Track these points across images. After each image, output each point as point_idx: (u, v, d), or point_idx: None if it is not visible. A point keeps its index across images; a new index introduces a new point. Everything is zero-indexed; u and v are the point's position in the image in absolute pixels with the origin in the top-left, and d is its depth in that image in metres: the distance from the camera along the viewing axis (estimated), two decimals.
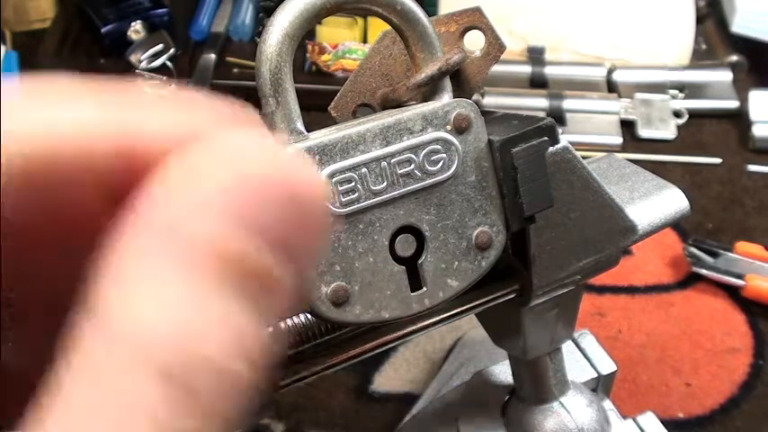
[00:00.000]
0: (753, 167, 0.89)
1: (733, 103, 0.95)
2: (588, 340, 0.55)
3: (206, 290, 0.15)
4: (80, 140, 0.17)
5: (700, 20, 1.02)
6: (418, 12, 0.32)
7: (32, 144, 0.17)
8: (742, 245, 0.78)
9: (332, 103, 0.35)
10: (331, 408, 0.66)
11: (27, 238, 0.18)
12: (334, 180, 0.30)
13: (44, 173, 0.17)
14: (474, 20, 0.34)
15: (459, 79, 0.34)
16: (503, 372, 0.50)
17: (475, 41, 0.35)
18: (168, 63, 0.94)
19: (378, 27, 0.96)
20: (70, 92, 0.18)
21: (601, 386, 0.53)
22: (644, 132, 0.92)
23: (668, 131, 0.92)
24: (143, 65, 0.93)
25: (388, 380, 0.68)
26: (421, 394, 0.65)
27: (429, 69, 0.32)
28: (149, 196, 0.16)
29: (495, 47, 0.35)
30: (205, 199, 0.16)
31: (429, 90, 0.32)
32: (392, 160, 0.31)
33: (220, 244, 0.16)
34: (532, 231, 0.34)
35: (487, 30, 0.34)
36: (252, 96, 0.31)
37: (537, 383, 0.45)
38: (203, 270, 0.15)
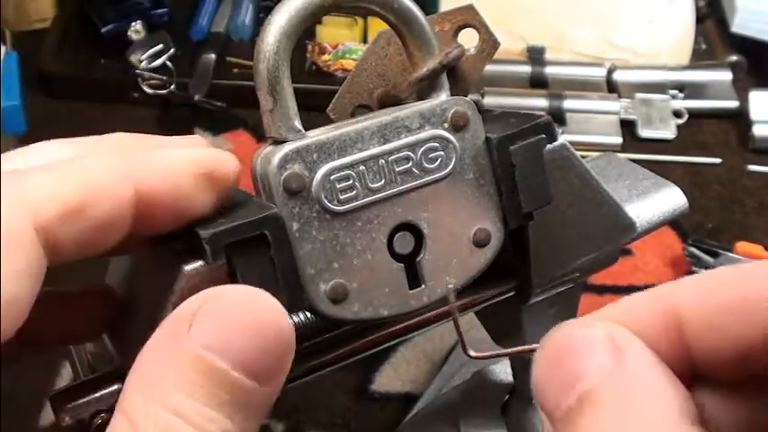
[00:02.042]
0: (753, 167, 0.89)
1: (733, 103, 0.95)
2: None
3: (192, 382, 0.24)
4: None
5: (700, 20, 1.02)
6: (415, 10, 0.32)
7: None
8: (742, 245, 0.78)
9: (330, 106, 0.36)
10: (331, 408, 0.66)
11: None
12: (331, 178, 0.30)
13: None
14: (467, 17, 0.34)
15: (455, 77, 0.34)
16: (503, 371, 0.50)
17: (469, 40, 0.35)
18: (168, 63, 0.94)
19: (378, 27, 0.96)
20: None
21: None
22: (644, 132, 0.92)
23: (668, 131, 0.92)
24: (143, 65, 0.93)
25: (388, 380, 0.68)
26: (421, 394, 0.65)
27: (430, 63, 0.32)
28: (178, 322, 0.25)
29: (490, 44, 0.35)
30: (208, 340, 0.24)
31: (426, 88, 0.32)
32: (390, 158, 0.31)
33: (211, 361, 0.24)
34: (531, 229, 0.34)
35: (481, 27, 0.35)
36: (252, 96, 0.31)
37: None
38: (195, 370, 0.24)
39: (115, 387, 0.30)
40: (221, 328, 0.24)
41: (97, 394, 0.30)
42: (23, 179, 0.25)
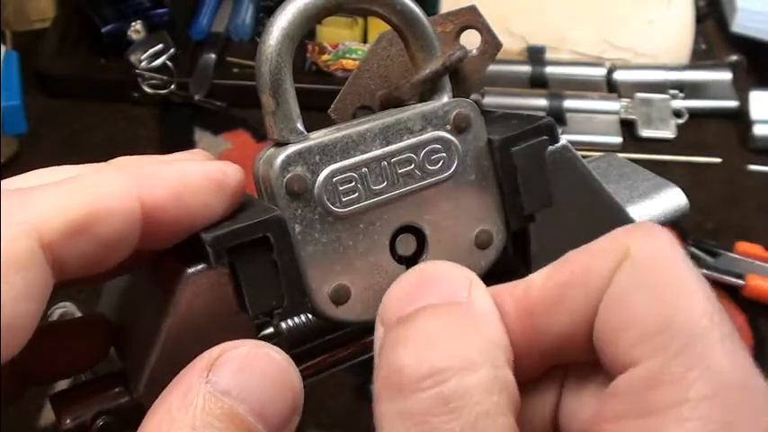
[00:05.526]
0: (753, 167, 0.89)
1: (733, 103, 0.95)
2: None
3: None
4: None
5: (700, 20, 1.02)
6: (418, 11, 0.32)
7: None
8: (742, 245, 0.78)
9: (331, 106, 0.35)
10: (331, 408, 0.66)
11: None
12: (334, 180, 0.30)
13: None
14: (470, 19, 0.34)
15: (457, 79, 0.34)
16: None
17: (471, 42, 0.35)
18: (168, 63, 0.94)
19: (378, 27, 0.96)
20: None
21: None
22: (644, 132, 0.92)
23: (668, 131, 0.92)
24: (143, 65, 0.93)
25: None
26: None
27: (432, 65, 0.32)
28: (198, 367, 0.25)
29: (492, 45, 0.35)
30: (227, 386, 0.25)
31: (428, 90, 0.32)
32: (392, 160, 0.31)
33: (229, 406, 0.24)
34: (532, 230, 0.34)
35: (483, 28, 0.34)
36: (252, 95, 0.31)
37: None
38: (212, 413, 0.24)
39: (117, 389, 0.30)
40: (241, 376, 0.25)
41: (99, 396, 0.30)
42: (28, 197, 0.25)
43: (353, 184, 0.30)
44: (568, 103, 0.93)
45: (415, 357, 0.24)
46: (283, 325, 0.33)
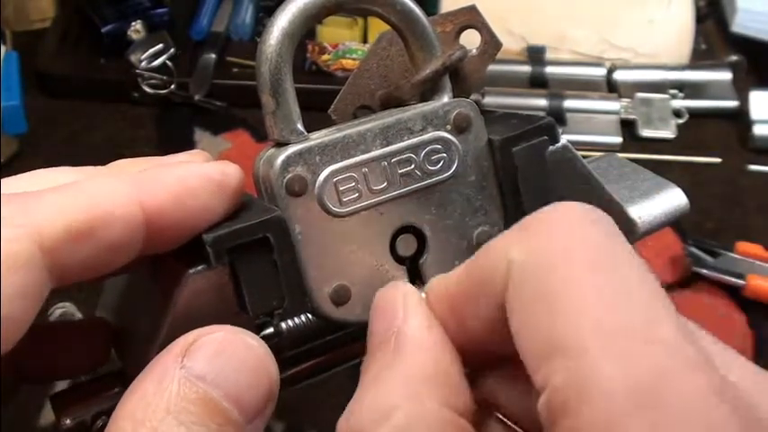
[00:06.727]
0: (753, 167, 0.89)
1: (733, 103, 0.95)
2: None
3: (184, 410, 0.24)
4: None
5: (700, 20, 1.02)
6: (418, 11, 0.32)
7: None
8: (742, 245, 0.78)
9: (331, 106, 0.35)
10: (331, 408, 0.66)
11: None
12: (334, 180, 0.30)
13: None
14: (470, 19, 0.34)
15: (457, 79, 0.34)
16: None
17: (471, 41, 0.35)
18: (168, 63, 0.94)
19: (378, 27, 0.96)
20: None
21: None
22: (644, 132, 0.92)
23: (668, 131, 0.92)
24: (143, 65, 0.93)
25: None
26: None
27: (433, 65, 0.32)
28: (173, 352, 0.25)
29: (492, 45, 0.35)
30: (202, 371, 0.25)
31: (429, 90, 0.32)
32: (392, 160, 0.31)
33: (204, 391, 0.25)
34: None
35: (483, 28, 0.35)
36: (252, 95, 0.31)
37: None
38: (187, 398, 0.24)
39: (117, 389, 0.30)
40: (216, 361, 0.25)
41: (98, 396, 0.30)
42: (30, 200, 0.25)
43: (354, 184, 0.30)
44: (568, 103, 0.93)
45: (344, 421, 0.26)
46: (283, 325, 0.33)
